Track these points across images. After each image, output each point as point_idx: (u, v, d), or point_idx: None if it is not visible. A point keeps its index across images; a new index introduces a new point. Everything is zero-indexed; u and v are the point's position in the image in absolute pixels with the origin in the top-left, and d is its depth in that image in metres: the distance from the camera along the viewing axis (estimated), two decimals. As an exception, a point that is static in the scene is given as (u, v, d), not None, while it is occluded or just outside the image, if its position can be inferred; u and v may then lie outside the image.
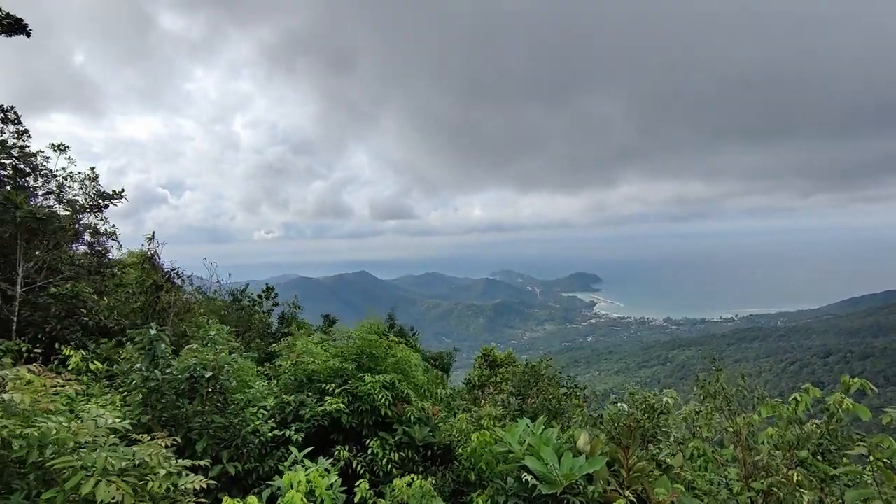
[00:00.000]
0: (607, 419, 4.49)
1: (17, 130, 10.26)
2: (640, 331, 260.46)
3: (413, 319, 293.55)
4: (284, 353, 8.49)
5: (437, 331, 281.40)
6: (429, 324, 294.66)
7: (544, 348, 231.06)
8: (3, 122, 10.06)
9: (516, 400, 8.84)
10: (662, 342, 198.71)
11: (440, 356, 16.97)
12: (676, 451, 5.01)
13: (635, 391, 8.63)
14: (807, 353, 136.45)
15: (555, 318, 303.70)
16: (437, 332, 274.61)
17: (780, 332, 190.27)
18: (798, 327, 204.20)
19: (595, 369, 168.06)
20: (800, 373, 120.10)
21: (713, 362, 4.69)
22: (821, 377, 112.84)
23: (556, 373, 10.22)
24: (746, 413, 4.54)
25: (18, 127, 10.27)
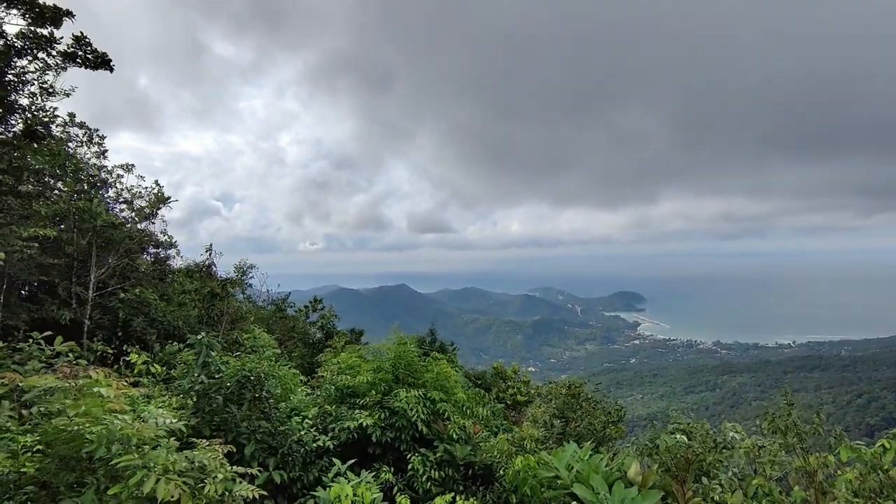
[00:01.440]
0: (663, 450, 4.26)
1: (99, 150, 11.16)
2: (686, 354, 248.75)
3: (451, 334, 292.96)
4: (326, 365, 8.65)
5: (475, 346, 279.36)
6: (467, 339, 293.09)
7: (585, 368, 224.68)
8: (88, 141, 10.97)
9: (559, 422, 8.58)
10: (711, 367, 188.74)
11: (483, 375, 16.81)
12: (736, 488, 4.69)
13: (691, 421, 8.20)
14: (875, 386, 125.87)
15: (596, 337, 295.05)
16: (474, 348, 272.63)
17: (845, 362, 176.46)
18: (864, 357, 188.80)
19: (638, 392, 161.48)
20: (868, 407, 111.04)
21: (784, 394, 4.36)
22: (892, 412, 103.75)
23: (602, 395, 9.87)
24: (820, 453, 4.18)
25: (100, 146, 11.18)
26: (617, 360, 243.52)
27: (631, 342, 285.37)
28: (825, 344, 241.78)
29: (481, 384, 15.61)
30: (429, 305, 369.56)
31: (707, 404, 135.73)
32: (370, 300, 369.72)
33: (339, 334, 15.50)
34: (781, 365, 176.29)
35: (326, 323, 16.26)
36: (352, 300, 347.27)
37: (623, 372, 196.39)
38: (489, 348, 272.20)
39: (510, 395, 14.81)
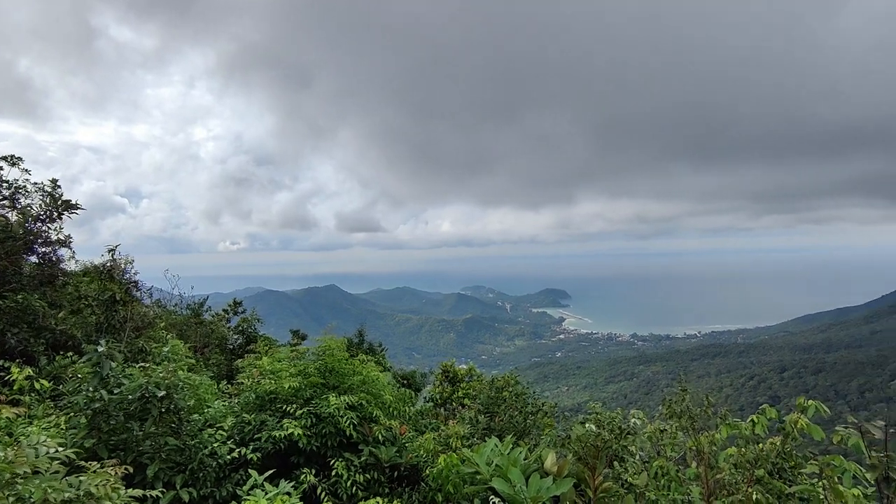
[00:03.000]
0: (574, 439, 4.50)
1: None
2: (607, 346, 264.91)
3: (383, 334, 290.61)
4: (247, 371, 8.18)
5: (408, 346, 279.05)
6: (399, 338, 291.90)
7: (514, 363, 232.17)
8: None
9: (484, 418, 8.77)
10: (629, 358, 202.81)
11: (412, 375, 16.74)
12: (641, 471, 5.05)
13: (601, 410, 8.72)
14: (764, 369, 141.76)
15: (525, 333, 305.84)
16: (407, 347, 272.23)
17: (741, 349, 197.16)
18: (756, 344, 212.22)
19: (564, 384, 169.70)
20: (758, 388, 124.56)
21: (679, 381, 4.79)
22: (777, 392, 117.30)
23: (523, 389, 10.22)
24: (710, 432, 4.63)
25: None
26: (544, 355, 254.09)
27: (557, 337, 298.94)
28: (724, 333, 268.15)
29: (411, 384, 15.60)
30: (360, 306, 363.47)
31: (625, 392, 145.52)
32: (298, 302, 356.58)
33: (262, 338, 14.75)
34: (689, 353, 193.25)
35: (248, 327, 15.39)
36: (278, 302, 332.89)
37: (550, 365, 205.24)
38: (422, 347, 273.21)
39: (458, 396, 14.78)
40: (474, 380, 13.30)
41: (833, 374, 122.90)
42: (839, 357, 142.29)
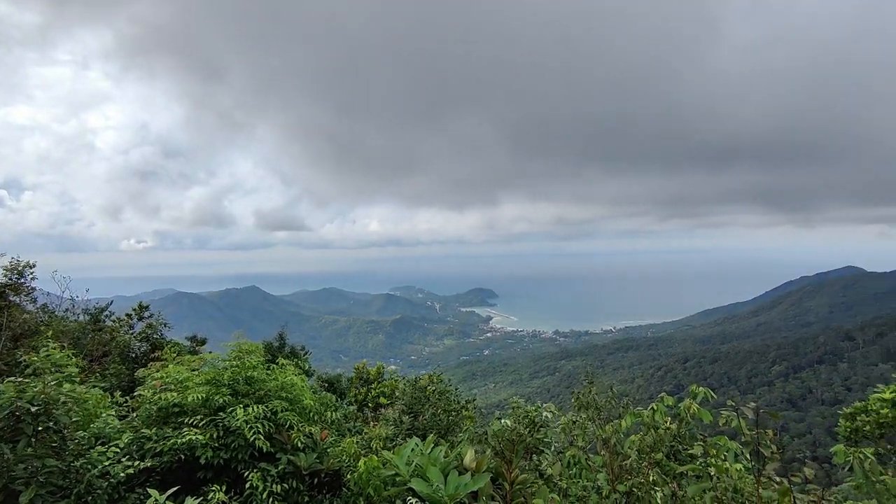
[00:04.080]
0: (491, 435, 4.60)
1: None
2: (532, 343, 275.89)
3: (308, 337, 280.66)
4: (149, 381, 7.49)
5: (335, 348, 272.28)
6: (326, 341, 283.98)
7: (443, 363, 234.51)
8: None
9: (408, 418, 8.74)
10: (551, 353, 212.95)
11: (337, 379, 16.26)
12: (555, 461, 5.29)
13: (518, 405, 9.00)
14: (670, 360, 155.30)
15: (454, 332, 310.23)
16: (334, 350, 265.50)
17: (650, 342, 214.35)
18: (664, 337, 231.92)
19: (491, 381, 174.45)
20: (665, 377, 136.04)
21: (587, 375, 5.08)
22: (681, 381, 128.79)
23: (446, 388, 10.34)
24: (616, 421, 4.96)
25: None
26: (472, 353, 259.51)
27: (484, 335, 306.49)
28: (637, 328, 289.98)
29: (335, 388, 15.19)
30: (283, 308, 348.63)
31: (548, 387, 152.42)
32: (214, 304, 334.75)
33: (169, 345, 13.60)
34: (605, 348, 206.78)
35: (153, 333, 14.09)
36: (192, 305, 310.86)
37: (477, 363, 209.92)
38: (349, 349, 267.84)
39: (373, 396, 14.59)
40: (386, 379, 13.23)
41: (726, 363, 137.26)
42: (731, 347, 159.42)
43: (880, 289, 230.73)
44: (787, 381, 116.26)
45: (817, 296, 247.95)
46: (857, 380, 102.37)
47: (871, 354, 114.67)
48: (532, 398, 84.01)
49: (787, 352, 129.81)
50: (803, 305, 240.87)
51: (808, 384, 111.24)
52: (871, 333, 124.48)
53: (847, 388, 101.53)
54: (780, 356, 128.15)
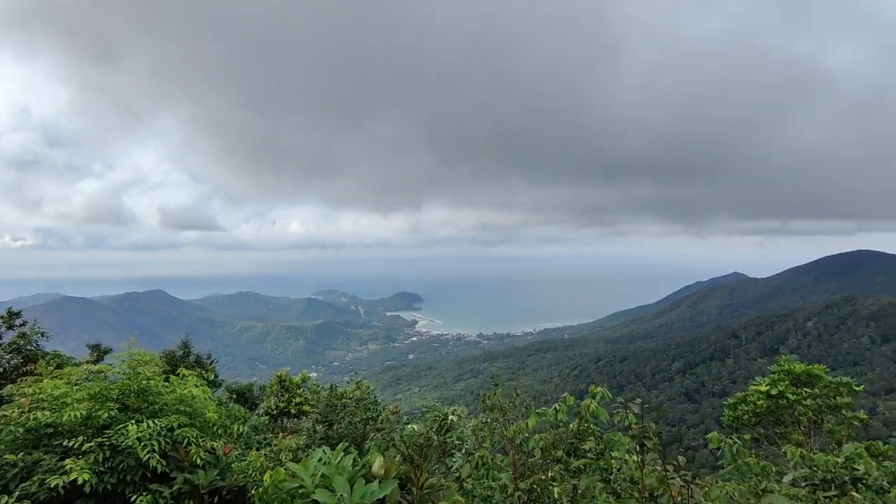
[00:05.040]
0: (398, 440, 4.59)
1: None
2: (456, 346, 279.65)
3: (221, 344, 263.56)
4: (17, 399, 6.58)
5: (251, 356, 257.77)
6: (241, 348, 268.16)
7: (367, 368, 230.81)
8: None
9: (322, 427, 8.47)
10: (475, 356, 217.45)
11: (248, 388, 15.29)
12: (465, 463, 5.39)
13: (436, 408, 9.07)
14: (585, 360, 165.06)
15: (378, 337, 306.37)
16: (250, 358, 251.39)
17: (567, 343, 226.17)
18: (579, 338, 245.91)
19: (416, 386, 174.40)
20: (580, 376, 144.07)
21: (493, 378, 5.25)
22: (594, 379, 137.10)
23: (364, 394, 10.16)
24: (521, 421, 5.17)
25: None
26: (397, 358, 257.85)
27: (410, 339, 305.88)
28: (554, 330, 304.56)
29: (246, 398, 14.32)
30: (193, 314, 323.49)
31: (472, 389, 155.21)
32: (111, 310, 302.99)
33: (48, 357, 12.05)
34: (526, 349, 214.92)
35: (26, 343, 12.35)
36: (83, 312, 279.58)
37: (402, 368, 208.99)
38: (267, 357, 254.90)
39: (295, 404, 13.92)
40: (309, 387, 12.74)
41: (633, 361, 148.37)
42: (638, 347, 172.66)
43: (759, 292, 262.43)
44: (684, 376, 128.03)
45: (709, 299, 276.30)
46: (741, 373, 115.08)
47: (752, 350, 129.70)
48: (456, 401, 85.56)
49: (684, 350, 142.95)
50: (698, 308, 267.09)
51: (701, 378, 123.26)
52: (752, 332, 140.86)
53: (732, 380, 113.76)
54: (679, 354, 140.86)
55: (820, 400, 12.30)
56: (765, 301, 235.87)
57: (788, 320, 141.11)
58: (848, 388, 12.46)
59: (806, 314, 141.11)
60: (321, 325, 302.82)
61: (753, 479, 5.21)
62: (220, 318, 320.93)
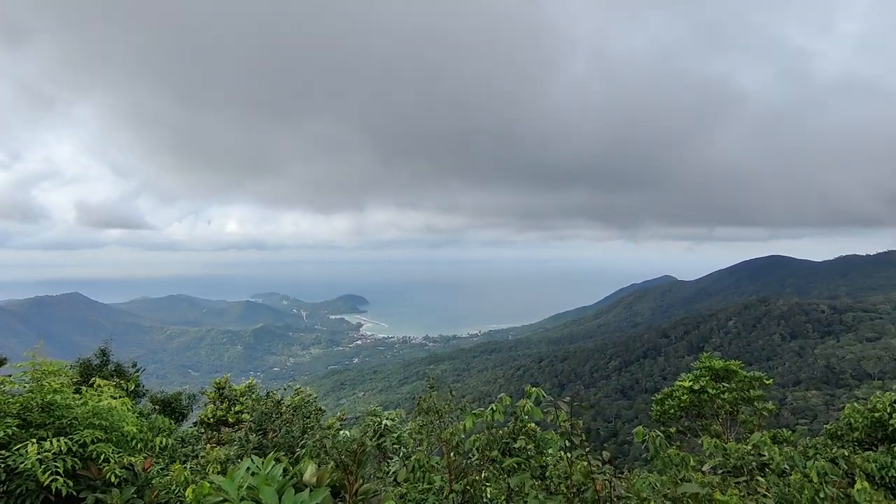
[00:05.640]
0: (330, 447, 4.47)
1: None
2: (402, 349, 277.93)
3: (149, 351, 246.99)
4: None
5: (183, 363, 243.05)
6: (171, 355, 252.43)
7: (310, 373, 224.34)
8: None
9: (256, 436, 8.11)
10: (421, 358, 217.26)
11: (176, 398, 14.26)
12: (402, 466, 5.35)
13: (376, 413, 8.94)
14: (528, 360, 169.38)
15: (322, 341, 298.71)
16: (182, 365, 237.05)
17: (511, 344, 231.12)
18: (522, 339, 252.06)
19: (360, 390, 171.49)
20: (523, 376, 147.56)
21: (428, 380, 5.24)
22: (536, 378, 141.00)
23: (304, 401, 9.84)
24: (457, 423, 5.20)
25: None
26: (341, 362, 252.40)
27: (354, 343, 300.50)
28: (499, 331, 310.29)
29: (174, 408, 13.40)
30: (116, 318, 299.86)
31: (418, 392, 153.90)
32: (18, 316, 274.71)
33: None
34: (471, 351, 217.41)
35: None
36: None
37: (347, 372, 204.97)
38: (201, 363, 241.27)
39: (234, 413, 13.16)
40: (253, 396, 12.13)
41: (574, 361, 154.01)
42: (577, 347, 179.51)
43: (687, 294, 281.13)
44: (620, 374, 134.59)
45: (643, 300, 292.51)
46: (671, 370, 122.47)
47: (680, 348, 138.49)
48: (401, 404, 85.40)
49: (620, 349, 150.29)
50: (633, 309, 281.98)
51: (635, 376, 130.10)
52: (681, 331, 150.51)
53: (663, 377, 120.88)
54: (615, 353, 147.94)
55: (736, 393, 13.35)
56: (692, 302, 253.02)
57: (712, 320, 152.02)
58: (759, 381, 13.61)
59: (727, 314, 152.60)
60: (260, 330, 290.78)
61: (673, 470, 5.55)
62: (148, 323, 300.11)
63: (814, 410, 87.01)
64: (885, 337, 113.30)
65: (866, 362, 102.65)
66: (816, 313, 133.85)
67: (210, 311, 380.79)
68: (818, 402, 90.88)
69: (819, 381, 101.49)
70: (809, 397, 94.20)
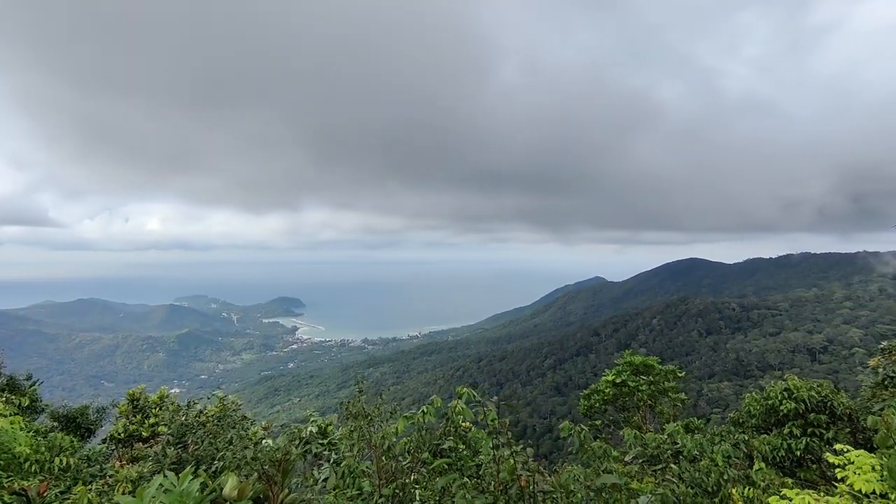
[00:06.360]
0: (251, 458, 4.27)
1: None
2: (340, 353, 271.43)
3: (53, 361, 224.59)
4: None
5: (95, 373, 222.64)
6: (81, 365, 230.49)
7: (241, 380, 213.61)
8: None
9: (173, 450, 7.56)
10: (360, 361, 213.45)
11: (81, 413, 12.89)
12: (331, 473, 5.21)
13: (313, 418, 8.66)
14: (467, 361, 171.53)
15: (254, 345, 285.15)
16: (93, 376, 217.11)
17: (451, 345, 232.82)
18: (462, 340, 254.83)
19: (296, 396, 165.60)
20: (463, 377, 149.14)
21: (357, 384, 5.16)
22: (476, 378, 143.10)
23: (226, 409, 9.30)
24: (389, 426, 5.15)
25: None
26: (276, 367, 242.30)
27: (289, 347, 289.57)
28: (439, 332, 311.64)
29: (79, 424, 12.14)
30: (13, 325, 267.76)
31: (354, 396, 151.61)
32: None
33: None
34: (412, 353, 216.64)
35: None
36: None
37: (281, 378, 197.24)
38: (116, 373, 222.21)
39: (149, 426, 12.11)
40: (168, 406, 11.25)
41: (512, 360, 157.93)
42: (515, 346, 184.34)
43: (616, 294, 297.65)
44: (555, 371, 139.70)
45: (576, 300, 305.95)
46: (601, 367, 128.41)
47: (610, 346, 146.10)
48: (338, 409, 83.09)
49: (555, 348, 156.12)
50: (567, 309, 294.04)
51: (569, 373, 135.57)
52: (610, 329, 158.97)
53: (594, 373, 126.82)
54: (550, 352, 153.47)
55: (654, 386, 14.31)
56: (620, 302, 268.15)
57: (639, 318, 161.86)
58: (673, 374, 14.68)
59: (652, 313, 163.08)
60: (186, 335, 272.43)
61: (597, 462, 5.82)
62: (53, 331, 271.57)
63: (726, 400, 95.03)
64: (783, 332, 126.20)
65: (769, 355, 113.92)
66: (728, 311, 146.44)
67: (128, 316, 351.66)
68: (729, 392, 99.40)
69: (730, 372, 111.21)
70: (722, 388, 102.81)
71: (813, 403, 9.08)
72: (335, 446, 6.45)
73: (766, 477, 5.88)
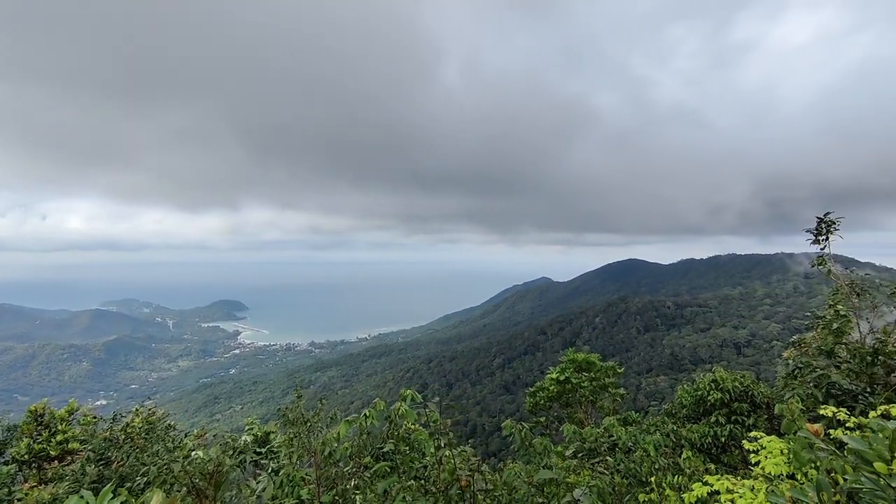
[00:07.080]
0: (177, 471, 4.02)
1: None
2: (286, 357, 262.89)
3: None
4: None
5: (7, 386, 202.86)
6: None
7: (177, 388, 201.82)
8: None
9: (94, 468, 7.00)
10: (307, 366, 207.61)
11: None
12: (269, 483, 5.01)
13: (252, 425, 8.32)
14: (417, 362, 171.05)
15: (192, 352, 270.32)
16: (4, 389, 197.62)
17: (401, 347, 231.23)
18: (412, 341, 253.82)
19: (238, 403, 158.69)
20: (413, 378, 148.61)
21: (296, 391, 5.01)
22: (426, 379, 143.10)
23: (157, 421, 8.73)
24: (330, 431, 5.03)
25: None
26: (216, 374, 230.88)
27: (231, 352, 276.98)
28: (389, 334, 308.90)
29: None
30: None
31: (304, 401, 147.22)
32: None
33: None
34: (360, 356, 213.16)
35: None
36: None
37: (221, 385, 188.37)
38: (32, 386, 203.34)
39: (57, 444, 11.08)
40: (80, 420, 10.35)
41: (462, 360, 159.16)
42: (465, 346, 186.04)
43: (561, 293, 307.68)
44: (504, 370, 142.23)
45: (523, 300, 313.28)
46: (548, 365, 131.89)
47: (556, 344, 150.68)
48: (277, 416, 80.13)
49: (504, 347, 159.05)
50: (515, 308, 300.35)
51: (517, 372, 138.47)
52: (556, 328, 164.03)
53: (541, 371, 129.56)
54: (499, 351, 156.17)
55: (595, 382, 14.89)
56: (566, 301, 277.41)
57: (583, 317, 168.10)
58: (612, 370, 15.36)
59: (595, 312, 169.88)
60: (114, 342, 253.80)
61: (537, 458, 5.98)
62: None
63: (662, 393, 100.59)
64: (713, 328, 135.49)
65: (700, 349, 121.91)
66: (664, 309, 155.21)
67: (46, 323, 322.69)
68: (665, 385, 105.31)
69: (666, 367, 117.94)
70: (659, 382, 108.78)
71: (736, 393, 9.88)
72: (275, 454, 6.21)
73: (692, 464, 6.27)
